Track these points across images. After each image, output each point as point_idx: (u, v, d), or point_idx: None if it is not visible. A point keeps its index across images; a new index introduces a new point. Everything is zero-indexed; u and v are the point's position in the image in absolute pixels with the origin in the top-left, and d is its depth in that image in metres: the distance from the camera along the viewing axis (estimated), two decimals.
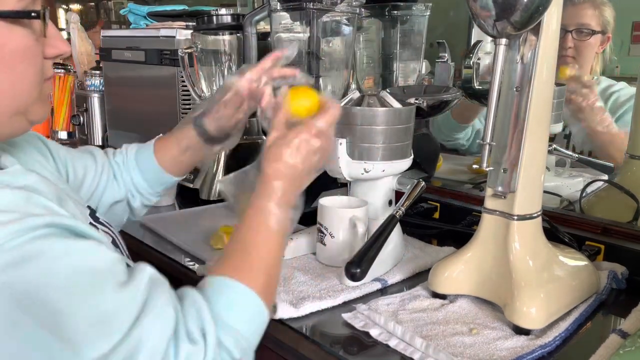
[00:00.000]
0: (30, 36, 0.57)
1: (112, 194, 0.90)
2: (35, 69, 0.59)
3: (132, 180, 0.91)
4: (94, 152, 0.91)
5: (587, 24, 1.24)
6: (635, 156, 1.07)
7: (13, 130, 0.62)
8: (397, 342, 0.73)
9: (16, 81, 0.58)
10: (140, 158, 0.91)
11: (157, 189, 0.93)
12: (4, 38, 0.55)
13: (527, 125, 0.77)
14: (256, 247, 0.66)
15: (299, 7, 1.15)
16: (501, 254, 0.80)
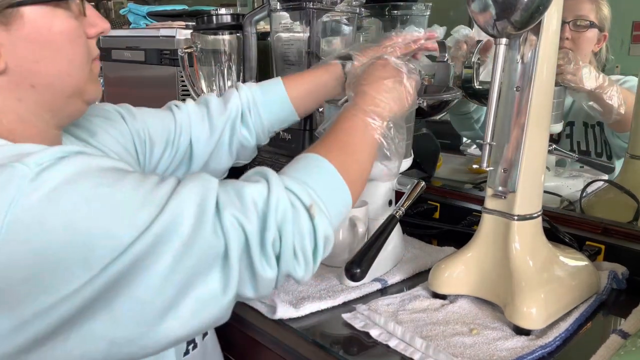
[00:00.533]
0: (72, 17, 0.60)
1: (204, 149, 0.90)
2: (82, 48, 0.62)
3: (260, 119, 0.92)
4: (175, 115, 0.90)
5: (585, 15, 1.23)
6: (635, 156, 1.07)
7: (71, 112, 0.65)
8: (397, 343, 0.73)
9: (67, 62, 0.61)
10: (269, 94, 0.92)
11: (276, 127, 0.95)
12: (48, 22, 0.58)
13: (527, 125, 0.76)
14: (344, 134, 0.68)
15: (298, 7, 1.15)
16: (501, 254, 0.80)
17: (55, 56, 0.60)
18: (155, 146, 0.85)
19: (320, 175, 0.62)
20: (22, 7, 0.56)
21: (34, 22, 0.57)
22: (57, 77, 0.60)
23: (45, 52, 0.59)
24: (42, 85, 0.60)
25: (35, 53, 0.58)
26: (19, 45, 0.57)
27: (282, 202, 0.55)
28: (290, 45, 1.24)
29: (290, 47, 1.24)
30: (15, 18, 0.56)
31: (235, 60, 1.40)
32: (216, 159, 0.92)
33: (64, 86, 0.62)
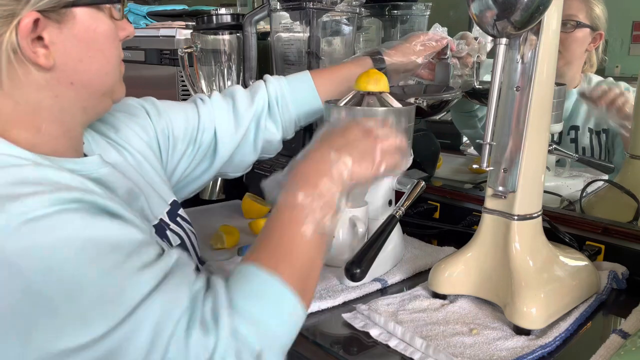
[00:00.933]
0: (110, 20, 0.64)
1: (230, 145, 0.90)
2: (118, 50, 0.66)
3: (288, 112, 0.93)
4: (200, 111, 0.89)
5: (574, 15, 1.21)
6: (635, 156, 1.07)
7: (100, 110, 0.68)
8: (397, 343, 0.73)
9: (106, 62, 0.64)
10: (298, 88, 0.93)
11: (303, 122, 0.96)
12: (94, 23, 0.62)
13: (527, 125, 0.76)
14: (288, 238, 0.60)
15: (298, 7, 1.15)
16: (501, 254, 0.80)
17: (97, 55, 0.63)
18: (178, 143, 0.86)
19: (274, 303, 0.56)
20: (75, 7, 0.59)
21: (84, 22, 0.60)
22: (96, 75, 0.63)
23: (90, 51, 0.62)
24: (80, 83, 0.62)
25: (82, 52, 0.61)
26: (69, 44, 0.60)
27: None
28: (290, 45, 1.24)
29: (290, 47, 1.24)
30: (68, 17, 0.59)
31: (235, 60, 1.40)
32: (240, 154, 0.92)
33: (101, 85, 0.65)
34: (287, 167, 0.65)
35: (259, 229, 1.10)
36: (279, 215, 0.62)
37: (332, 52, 1.25)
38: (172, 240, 0.75)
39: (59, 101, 0.61)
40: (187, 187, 0.91)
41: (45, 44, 0.58)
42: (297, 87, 0.92)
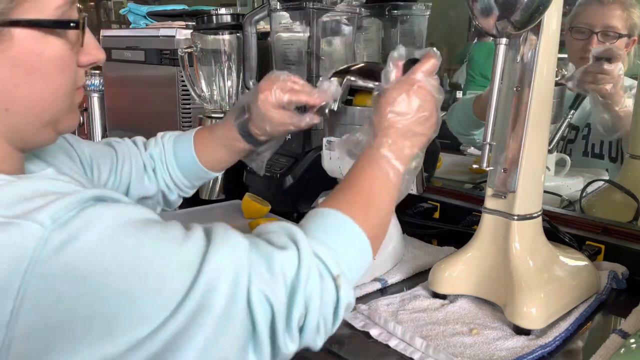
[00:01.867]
0: (66, 45, 0.56)
1: (141, 189, 0.87)
2: (69, 78, 0.58)
3: (170, 176, 0.89)
4: (115, 147, 0.87)
5: (614, 26, 1.21)
6: (635, 156, 1.07)
7: (41, 141, 0.60)
8: (397, 342, 0.73)
9: (50, 91, 0.56)
10: (180, 153, 0.89)
11: (195, 183, 0.92)
12: (40, 47, 0.54)
13: (527, 125, 0.76)
14: (366, 186, 0.65)
15: (298, 7, 1.15)
16: (501, 254, 0.80)
17: (38, 83, 0.55)
18: (102, 169, 0.83)
19: (348, 239, 0.60)
20: (14, 27, 0.52)
21: (24, 45, 0.53)
22: (36, 104, 0.55)
23: (29, 77, 0.54)
24: (17, 111, 0.55)
25: (18, 77, 0.53)
26: (2, 66, 0.52)
27: (312, 276, 0.53)
28: (290, 45, 1.24)
29: (290, 47, 1.24)
30: (4, 38, 0.51)
31: (235, 60, 1.40)
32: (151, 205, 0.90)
33: (41, 114, 0.57)
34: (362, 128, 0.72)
35: None
36: (361, 171, 0.67)
37: (332, 52, 1.25)
38: None
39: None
40: None
41: None
42: (181, 151, 0.89)
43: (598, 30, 1.21)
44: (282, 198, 1.21)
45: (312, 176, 1.19)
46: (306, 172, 1.19)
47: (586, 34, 1.22)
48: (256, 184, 1.26)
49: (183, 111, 1.50)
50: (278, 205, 1.23)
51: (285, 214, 1.23)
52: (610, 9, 1.22)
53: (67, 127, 0.61)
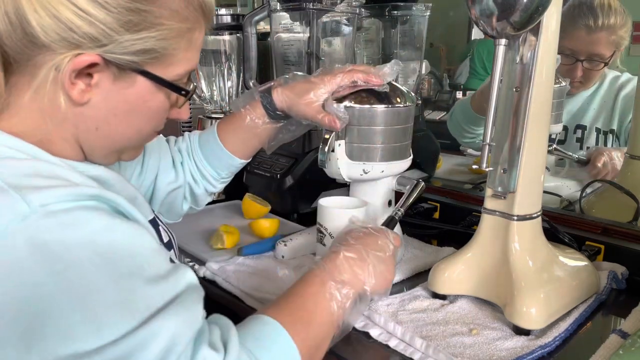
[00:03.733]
0: (167, 102, 0.64)
1: (167, 179, 0.88)
2: (156, 124, 0.66)
3: (196, 166, 0.90)
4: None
5: (601, 54, 1.18)
6: (635, 156, 1.07)
7: (102, 160, 0.66)
8: (397, 343, 0.73)
9: (136, 130, 0.64)
10: (204, 142, 0.90)
11: (223, 173, 0.92)
12: (150, 96, 0.61)
13: (527, 125, 0.77)
14: (310, 308, 0.64)
15: (298, 7, 1.15)
16: (501, 254, 0.80)
17: (133, 121, 0.62)
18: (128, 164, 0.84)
19: (281, 355, 0.58)
20: (141, 76, 0.59)
21: (140, 91, 0.60)
22: (120, 135, 0.63)
23: (129, 115, 0.61)
24: (103, 133, 0.61)
25: (120, 110, 0.60)
26: (113, 98, 0.59)
27: None
28: (290, 46, 1.24)
29: (290, 48, 1.24)
30: (128, 79, 0.58)
31: (235, 60, 1.41)
32: (177, 202, 0.92)
33: (118, 143, 0.64)
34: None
35: (259, 229, 1.10)
36: (307, 288, 0.66)
37: (332, 53, 1.25)
38: (163, 235, 0.75)
39: (76, 133, 0.61)
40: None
41: (90, 82, 0.57)
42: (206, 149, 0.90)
43: (583, 58, 1.19)
44: (282, 198, 1.21)
45: (312, 176, 1.19)
46: (306, 172, 1.19)
47: (571, 59, 1.20)
48: (256, 184, 1.27)
49: None
50: (278, 206, 1.23)
51: (285, 214, 1.23)
52: (597, 37, 1.18)
53: (129, 158, 0.69)
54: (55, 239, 0.48)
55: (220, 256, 1.00)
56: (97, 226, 0.50)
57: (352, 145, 0.90)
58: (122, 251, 0.51)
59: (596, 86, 1.25)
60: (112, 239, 0.51)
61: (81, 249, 0.48)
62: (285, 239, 1.01)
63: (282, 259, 0.99)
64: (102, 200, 0.53)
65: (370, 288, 0.70)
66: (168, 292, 0.52)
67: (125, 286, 0.49)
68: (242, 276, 0.93)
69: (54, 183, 0.51)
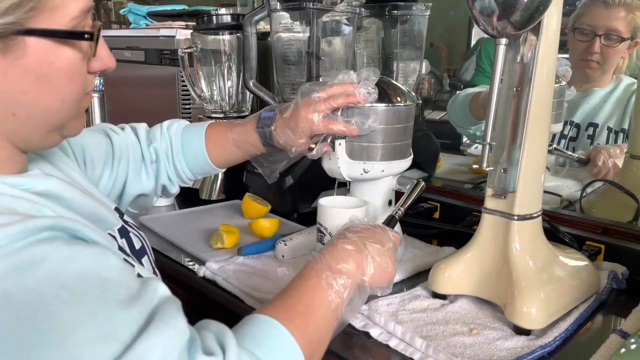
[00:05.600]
0: (78, 54, 0.56)
1: (138, 187, 0.87)
2: (79, 87, 0.58)
3: (175, 169, 0.89)
4: (113, 140, 0.86)
5: (618, 29, 1.20)
6: (635, 156, 1.07)
7: (46, 145, 0.61)
8: (397, 343, 0.73)
9: (59, 99, 0.56)
10: (189, 149, 0.89)
11: (199, 176, 0.92)
12: (51, 56, 0.53)
13: (527, 125, 0.76)
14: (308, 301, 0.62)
15: (298, 7, 1.15)
16: (501, 254, 0.80)
17: (48, 91, 0.55)
18: (96, 163, 0.82)
19: (281, 352, 0.56)
20: (28, 36, 0.51)
21: (37, 54, 0.52)
22: (43, 111, 0.56)
23: (39, 85, 0.54)
24: (24, 116, 0.55)
25: (27, 84, 0.53)
26: (12, 73, 0.52)
27: None
28: (290, 45, 1.24)
29: (290, 47, 1.24)
30: (17, 46, 0.51)
31: (235, 60, 1.41)
32: (145, 198, 0.91)
33: (48, 121, 0.57)
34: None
35: (258, 229, 1.10)
36: (304, 282, 0.65)
37: (332, 52, 1.25)
38: (135, 242, 0.72)
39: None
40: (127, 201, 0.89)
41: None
42: (188, 148, 0.89)
43: (601, 33, 1.21)
44: (282, 198, 1.21)
45: (312, 176, 1.19)
46: (306, 172, 1.19)
47: (589, 36, 1.22)
48: (256, 184, 1.27)
49: (183, 111, 1.50)
50: (278, 205, 1.23)
51: (285, 214, 1.23)
52: (615, 12, 1.21)
53: (73, 132, 0.62)
54: (15, 284, 0.44)
55: (220, 256, 1.00)
56: (58, 259, 0.46)
57: (352, 145, 0.90)
58: (90, 279, 0.47)
59: (612, 86, 1.26)
60: (77, 269, 0.47)
61: (45, 289, 0.44)
62: (285, 239, 1.01)
63: (282, 259, 0.99)
64: (57, 229, 0.49)
65: (370, 279, 0.69)
66: (144, 310, 0.49)
67: (101, 316, 0.46)
68: (242, 276, 0.92)
69: (1, 221, 0.46)
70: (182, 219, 1.24)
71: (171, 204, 1.36)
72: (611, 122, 1.24)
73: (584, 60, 1.23)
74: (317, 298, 0.63)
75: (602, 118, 1.25)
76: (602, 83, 1.27)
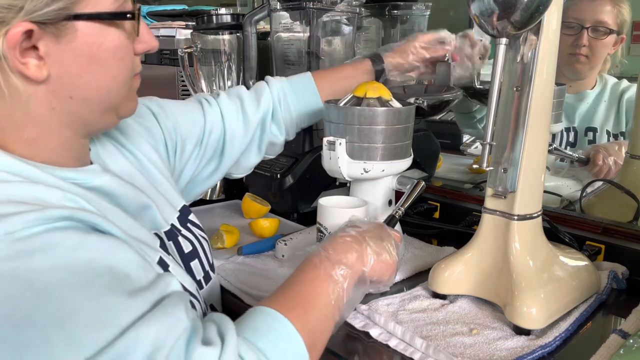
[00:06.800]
0: (123, 35, 0.60)
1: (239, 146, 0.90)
2: (127, 67, 0.62)
3: (290, 115, 0.93)
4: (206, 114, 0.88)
5: (605, 21, 1.21)
6: (635, 156, 1.07)
7: (103, 126, 0.65)
8: (397, 343, 0.73)
9: (110, 79, 0.60)
10: (301, 91, 0.93)
11: (306, 122, 0.96)
12: (100, 38, 0.58)
13: (527, 125, 0.76)
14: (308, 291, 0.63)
15: (298, 7, 1.15)
16: (501, 254, 0.80)
17: (100, 72, 0.59)
18: (186, 145, 0.85)
19: (281, 341, 0.56)
20: (77, 21, 0.56)
21: (87, 37, 0.57)
22: (97, 92, 0.60)
23: (91, 67, 0.58)
24: (80, 98, 0.59)
25: (81, 67, 0.57)
26: (67, 58, 0.56)
27: None
28: (290, 45, 1.24)
29: (290, 47, 1.24)
30: (68, 31, 0.55)
31: (235, 60, 1.40)
32: (246, 156, 0.93)
33: (102, 101, 0.61)
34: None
35: (258, 229, 1.10)
36: (304, 274, 0.65)
37: (332, 52, 1.25)
38: (183, 246, 0.74)
39: (57, 113, 0.58)
40: (194, 189, 0.91)
41: (40, 54, 0.55)
42: (299, 89, 0.92)
43: (588, 26, 1.21)
44: (282, 198, 1.21)
45: (312, 176, 1.19)
46: (306, 172, 1.19)
47: (576, 29, 1.22)
48: (256, 184, 1.26)
49: None
50: (278, 205, 1.23)
51: (285, 214, 1.23)
52: (601, 4, 1.22)
53: (127, 111, 0.66)
54: (23, 266, 0.46)
55: (220, 256, 1.00)
56: (69, 246, 0.49)
57: (352, 145, 0.90)
58: (99, 267, 0.49)
59: (600, 88, 1.26)
60: (86, 256, 0.49)
61: (53, 273, 0.47)
62: (285, 239, 1.01)
63: (282, 258, 0.99)
64: (75, 220, 0.51)
65: (370, 270, 0.69)
66: (150, 300, 0.50)
67: (104, 302, 0.48)
68: (242, 275, 0.92)
69: (22, 209, 0.49)
70: None
71: None
72: (608, 126, 1.24)
73: (573, 55, 1.23)
74: (318, 288, 0.63)
75: (599, 121, 1.25)
76: (589, 83, 1.27)
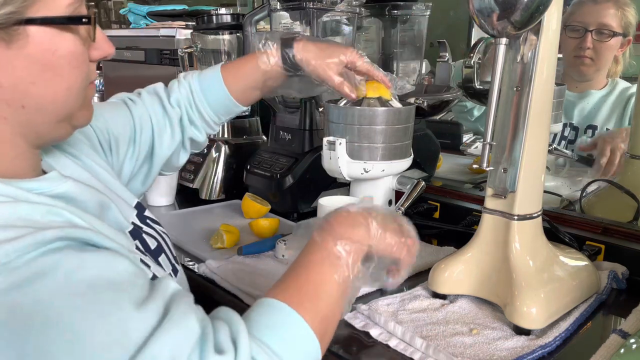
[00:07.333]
0: (78, 41, 0.57)
1: (164, 150, 0.87)
2: (83, 74, 0.59)
3: (199, 114, 0.89)
4: (132, 111, 0.86)
5: (609, 24, 1.21)
6: (635, 156, 1.07)
7: (56, 136, 0.62)
8: (397, 342, 0.73)
9: (65, 87, 0.57)
10: (207, 87, 0.88)
11: (224, 118, 0.92)
12: (54, 44, 0.55)
13: (527, 125, 0.76)
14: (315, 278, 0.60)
15: (298, 7, 1.15)
16: (501, 254, 0.80)
17: (54, 80, 0.56)
18: (120, 144, 0.83)
19: (293, 339, 0.55)
20: (29, 25, 0.53)
21: (40, 43, 0.54)
22: (52, 101, 0.57)
23: (45, 74, 0.55)
24: (33, 107, 0.56)
25: (34, 74, 0.54)
26: (18, 65, 0.53)
27: None
28: None
29: None
30: (20, 36, 0.52)
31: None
32: (175, 157, 0.91)
33: (57, 111, 0.58)
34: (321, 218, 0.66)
35: (258, 229, 1.10)
36: (310, 257, 0.61)
37: None
38: (149, 243, 0.72)
39: (9, 123, 0.55)
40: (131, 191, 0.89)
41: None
42: (207, 87, 0.89)
43: (592, 29, 1.21)
44: (282, 198, 1.21)
45: (312, 176, 1.19)
46: (306, 172, 1.19)
47: (580, 32, 1.23)
48: (256, 183, 1.27)
49: None
50: (278, 205, 1.23)
51: (285, 214, 1.23)
52: (605, 7, 1.22)
53: (82, 121, 0.63)
54: (25, 297, 0.44)
55: (220, 256, 1.00)
56: (67, 268, 0.47)
57: (352, 145, 0.90)
58: (102, 284, 0.48)
59: (608, 90, 1.26)
60: (87, 276, 0.48)
61: (58, 297, 0.45)
62: (285, 239, 1.01)
63: (282, 258, 0.99)
64: (67, 238, 0.50)
65: (376, 242, 0.64)
66: (157, 310, 0.49)
67: (114, 320, 0.47)
68: (242, 275, 0.92)
69: (11, 234, 0.47)
70: (182, 219, 1.24)
71: (171, 204, 1.36)
72: (610, 124, 1.24)
73: (577, 57, 1.24)
74: (324, 273, 0.60)
75: (601, 120, 1.25)
76: (597, 84, 1.27)
